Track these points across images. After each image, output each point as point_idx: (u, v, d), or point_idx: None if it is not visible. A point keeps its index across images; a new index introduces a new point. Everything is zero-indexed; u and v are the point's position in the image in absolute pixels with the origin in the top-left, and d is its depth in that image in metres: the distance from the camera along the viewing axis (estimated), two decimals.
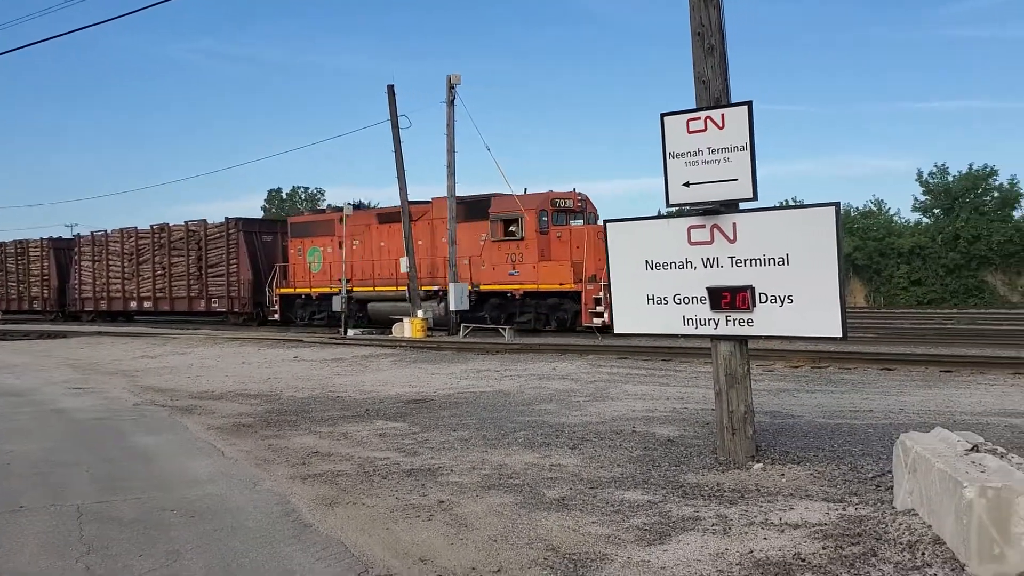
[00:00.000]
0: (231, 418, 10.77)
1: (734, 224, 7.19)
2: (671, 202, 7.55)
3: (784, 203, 40.17)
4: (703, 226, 7.33)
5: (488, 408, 10.87)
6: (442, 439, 8.80)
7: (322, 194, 77.69)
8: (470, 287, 26.31)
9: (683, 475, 6.86)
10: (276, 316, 32.59)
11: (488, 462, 7.62)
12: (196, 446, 9.03)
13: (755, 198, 7.15)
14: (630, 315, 7.90)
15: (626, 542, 5.22)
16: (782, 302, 6.96)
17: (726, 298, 7.16)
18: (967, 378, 12.81)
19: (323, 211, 33.10)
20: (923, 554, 4.61)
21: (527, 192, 26.43)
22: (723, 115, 7.18)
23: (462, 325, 25.30)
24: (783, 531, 5.26)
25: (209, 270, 35.30)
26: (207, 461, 8.21)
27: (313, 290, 31.30)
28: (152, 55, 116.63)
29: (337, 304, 28.65)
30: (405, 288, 27.28)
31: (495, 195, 26.84)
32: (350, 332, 26.67)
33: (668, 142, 7.46)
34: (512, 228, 25.83)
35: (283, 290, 32.40)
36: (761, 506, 5.84)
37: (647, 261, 7.68)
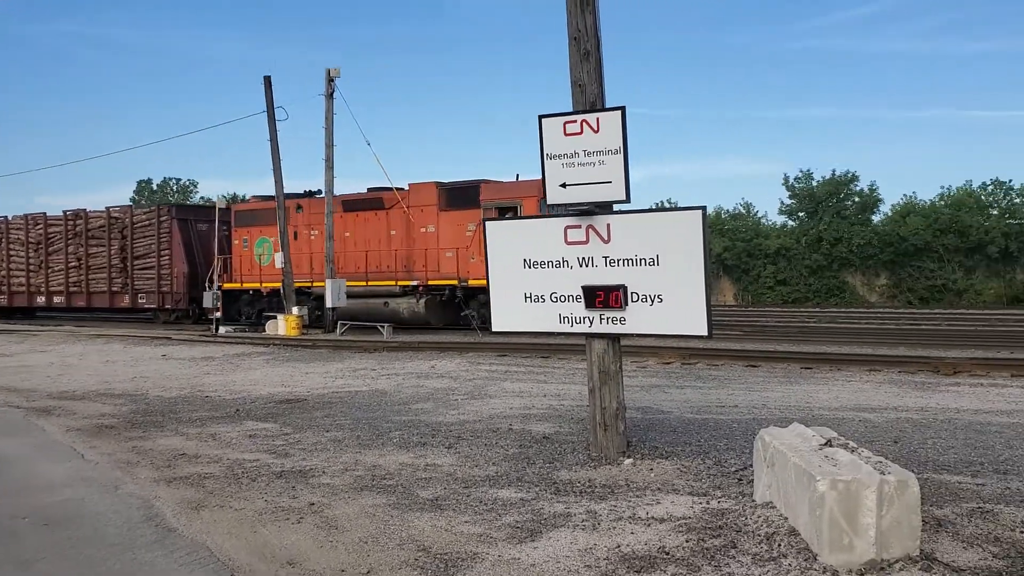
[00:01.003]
0: (93, 419, 10.29)
1: (608, 225, 7.35)
2: (549, 202, 7.66)
3: (659, 204, 41.30)
4: (579, 226, 7.46)
5: (363, 408, 10.75)
6: (315, 440, 8.65)
7: (195, 186, 75.10)
8: (456, 282, 24.25)
9: (556, 472, 6.95)
10: (217, 314, 28.81)
11: (362, 463, 7.53)
12: (54, 449, 8.60)
13: (628, 200, 7.32)
14: (508, 313, 7.95)
15: (497, 540, 5.26)
16: (652, 301, 7.15)
17: (600, 297, 7.31)
18: (826, 374, 13.47)
19: (270, 198, 29.27)
20: (779, 545, 4.82)
21: (519, 178, 24.19)
22: (598, 119, 7.32)
23: (339, 322, 24.79)
24: (650, 525, 5.40)
25: (136, 262, 31.65)
26: (65, 465, 7.82)
27: (264, 285, 28.18)
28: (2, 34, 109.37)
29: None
30: (379, 283, 25.40)
31: (484, 181, 24.66)
32: (222, 329, 25.86)
33: (546, 144, 7.55)
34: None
35: (228, 285, 28.92)
36: (630, 501, 5.98)
37: (525, 260, 7.76)
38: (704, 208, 7.13)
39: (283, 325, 24.47)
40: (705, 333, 7.02)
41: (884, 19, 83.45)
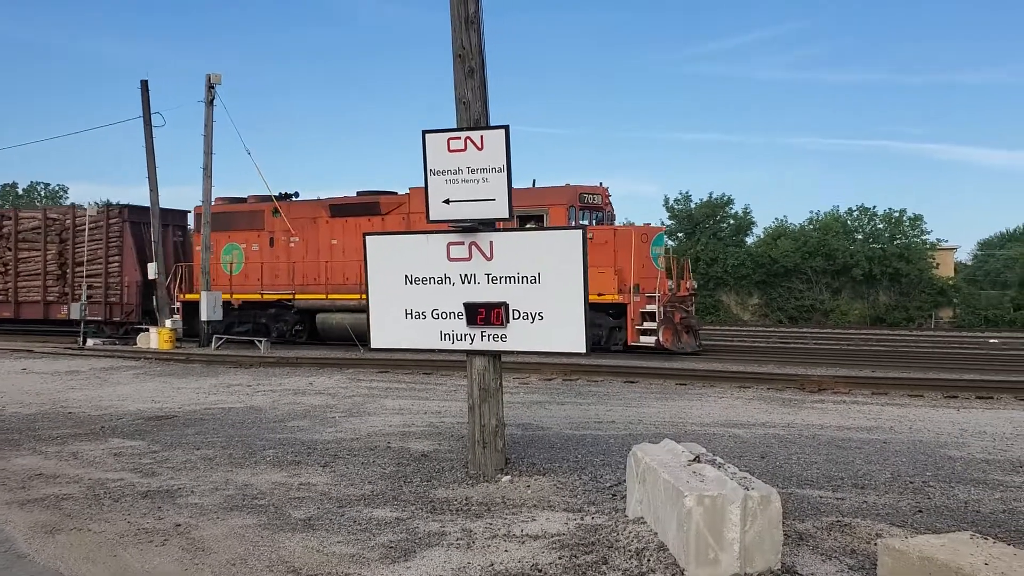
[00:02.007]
0: None
1: (491, 242, 7.38)
2: (431, 218, 7.62)
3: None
4: (462, 243, 7.46)
5: (237, 425, 10.42)
6: (184, 458, 8.33)
7: (65, 191, 71.65)
8: None
9: (434, 490, 6.91)
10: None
11: (233, 482, 7.29)
12: None
13: (511, 218, 7.37)
14: (388, 330, 7.86)
15: (370, 560, 5.17)
16: (534, 319, 7.21)
17: (482, 314, 7.32)
18: (699, 390, 13.88)
19: (242, 200, 26.75)
20: (648, 560, 4.92)
21: (536, 185, 22.52)
22: (482, 136, 7.34)
23: (215, 336, 23.99)
24: (524, 543, 5.42)
25: (78, 269, 27.97)
26: None
27: (234, 296, 25.48)
28: None
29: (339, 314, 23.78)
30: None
31: None
32: (90, 342, 24.67)
33: (429, 159, 7.52)
34: (530, 226, 21.30)
35: (191, 296, 26.06)
36: (506, 518, 5.99)
37: (407, 276, 7.70)
38: (584, 228, 7.30)
39: (155, 338, 23.53)
40: (583, 350, 7.13)
41: (762, 48, 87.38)
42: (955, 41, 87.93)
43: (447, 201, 7.45)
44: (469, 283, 7.42)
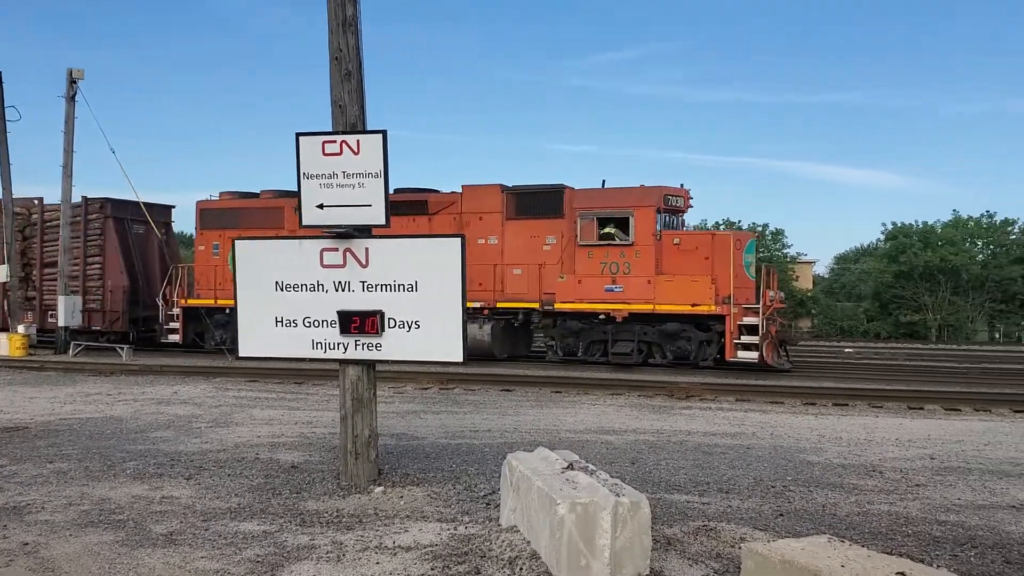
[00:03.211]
0: None
1: (367, 249, 7.26)
2: (304, 223, 7.44)
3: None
4: (336, 249, 7.31)
5: (95, 436, 9.89)
6: (35, 472, 7.83)
7: None
8: (537, 305, 20.45)
9: (303, 502, 6.73)
10: (175, 337, 23.57)
11: (89, 497, 6.90)
12: None
13: (388, 224, 7.28)
14: (258, 338, 7.62)
15: None
16: (410, 327, 7.13)
17: (356, 322, 7.19)
18: (574, 398, 14.08)
19: (253, 195, 23.97)
20: (521, 569, 4.92)
21: (605, 185, 20.66)
22: (359, 141, 7.22)
23: (72, 343, 22.74)
24: (396, 554, 5.34)
25: (46, 271, 24.99)
26: None
27: None
28: None
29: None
30: None
31: (564, 187, 20.76)
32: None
33: (303, 163, 7.34)
34: (609, 229, 20.11)
35: (193, 301, 23.52)
36: (378, 530, 5.89)
37: (278, 282, 7.48)
38: (463, 236, 7.26)
39: (6, 344, 22.14)
40: (460, 359, 7.09)
41: (647, 64, 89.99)
42: (813, 62, 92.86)
43: (321, 206, 7.29)
44: (343, 290, 7.27)
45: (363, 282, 7.23)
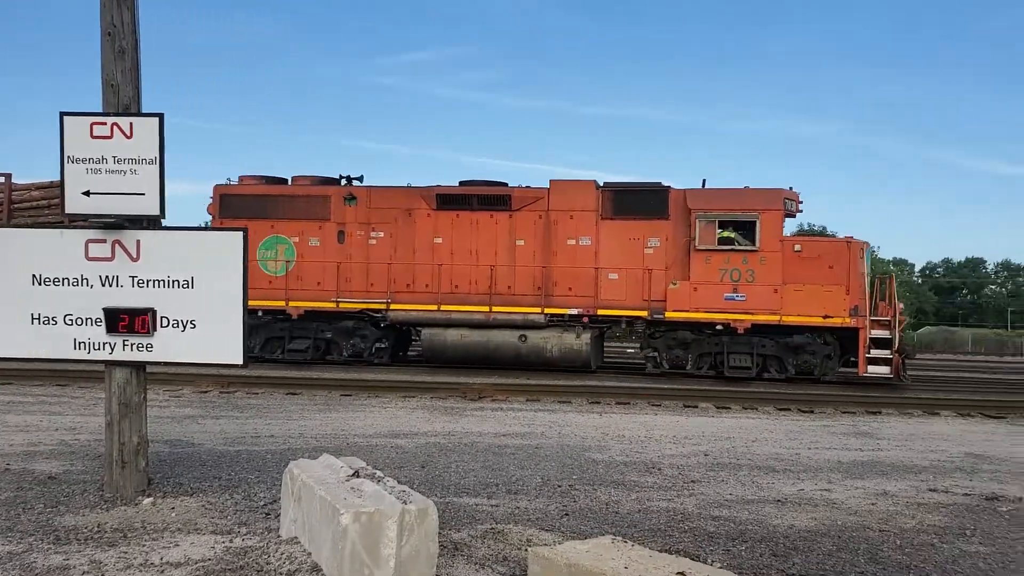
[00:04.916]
0: None
1: (138, 241, 6.70)
2: (68, 211, 6.79)
3: (207, 224, 39.58)
4: (104, 241, 6.70)
5: None
6: None
7: None
8: (646, 314, 19.01)
9: (59, 517, 6.09)
10: None
11: None
12: None
13: (163, 215, 6.76)
14: (10, 337, 6.84)
15: None
16: (185, 327, 6.66)
17: (124, 321, 6.62)
18: (364, 401, 13.81)
19: (282, 180, 21.11)
20: None
21: (705, 185, 19.57)
22: (132, 124, 6.67)
23: None
24: (163, 571, 4.92)
25: None
26: None
27: (291, 304, 20.01)
28: None
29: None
30: (508, 310, 19.27)
31: (667, 186, 19.34)
32: None
33: (67, 145, 6.68)
34: (729, 233, 18.82)
35: None
36: (144, 546, 5.42)
37: (35, 276, 6.76)
38: (246, 230, 6.87)
39: None
40: (240, 362, 6.69)
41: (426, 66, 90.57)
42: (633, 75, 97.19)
43: (88, 193, 6.67)
44: (111, 286, 6.68)
45: (133, 277, 6.68)
